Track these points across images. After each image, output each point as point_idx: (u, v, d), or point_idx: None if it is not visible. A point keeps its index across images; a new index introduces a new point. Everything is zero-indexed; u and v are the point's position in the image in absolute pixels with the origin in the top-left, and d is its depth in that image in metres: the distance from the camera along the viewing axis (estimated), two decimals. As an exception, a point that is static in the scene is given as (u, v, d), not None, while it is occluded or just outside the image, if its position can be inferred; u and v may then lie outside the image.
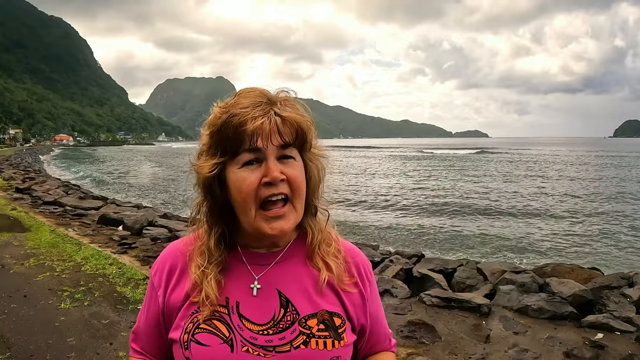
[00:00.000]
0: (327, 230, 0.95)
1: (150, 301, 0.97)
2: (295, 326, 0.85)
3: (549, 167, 45.79)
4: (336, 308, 0.90)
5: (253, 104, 0.82)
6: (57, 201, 13.34)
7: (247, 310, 0.87)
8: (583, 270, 6.62)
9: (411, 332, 4.27)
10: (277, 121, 0.82)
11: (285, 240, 0.93)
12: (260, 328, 0.85)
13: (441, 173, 39.21)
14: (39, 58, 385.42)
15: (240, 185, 0.82)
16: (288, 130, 0.83)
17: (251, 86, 0.88)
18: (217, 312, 0.86)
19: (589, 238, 13.16)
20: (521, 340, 4.22)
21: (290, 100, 0.87)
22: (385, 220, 16.02)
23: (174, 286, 0.92)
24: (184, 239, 0.97)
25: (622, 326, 4.41)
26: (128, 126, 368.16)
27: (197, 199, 0.91)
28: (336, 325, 0.88)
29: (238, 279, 0.90)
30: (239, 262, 0.91)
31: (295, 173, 0.84)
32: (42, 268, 5.98)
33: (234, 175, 0.83)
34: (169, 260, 0.96)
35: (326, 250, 0.92)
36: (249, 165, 0.82)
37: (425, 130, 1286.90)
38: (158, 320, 0.95)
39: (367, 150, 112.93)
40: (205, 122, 0.87)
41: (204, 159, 0.86)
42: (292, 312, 0.87)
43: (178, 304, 0.90)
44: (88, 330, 4.09)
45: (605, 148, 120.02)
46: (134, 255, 7.08)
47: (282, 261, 0.91)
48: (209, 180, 0.85)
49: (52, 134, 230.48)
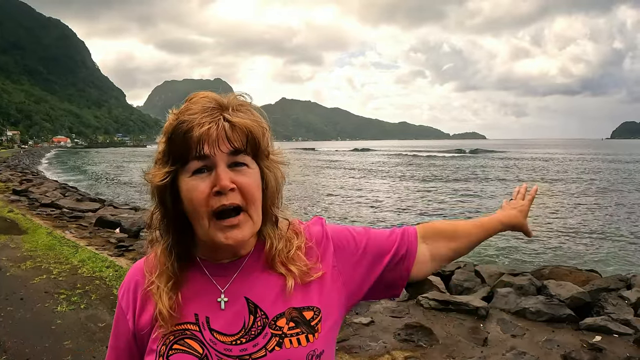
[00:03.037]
0: (287, 237, 0.91)
1: (119, 327, 0.93)
2: (266, 330, 0.83)
3: (545, 169, 45.88)
4: (305, 302, 0.87)
5: (202, 110, 0.80)
6: (54, 203, 13.31)
7: (218, 323, 0.85)
8: (581, 272, 6.63)
9: (409, 335, 4.26)
10: (225, 127, 0.79)
11: (246, 249, 0.90)
12: (233, 338, 0.83)
13: (438, 174, 39.24)
14: (36, 59, 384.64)
15: (190, 195, 0.79)
16: (238, 136, 0.80)
17: (204, 91, 0.85)
18: (189, 330, 0.84)
19: (587, 240, 13.18)
20: (519, 343, 4.22)
21: (245, 105, 0.84)
22: (382, 222, 16.02)
23: (141, 308, 0.89)
24: (147, 257, 0.94)
25: (620, 329, 4.41)
26: (126, 128, 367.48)
27: (151, 208, 0.89)
28: (307, 320, 0.86)
29: (203, 294, 0.87)
30: (202, 276, 0.88)
31: (247, 181, 0.81)
32: (38, 270, 5.95)
33: (185, 185, 0.80)
34: (133, 280, 0.93)
35: (286, 255, 0.89)
36: (199, 173, 0.79)
37: (423, 132, 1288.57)
38: (129, 346, 0.91)
39: (353, 154, 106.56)
40: (162, 129, 0.84)
41: (157, 168, 0.84)
42: (261, 317, 0.85)
43: (148, 327, 0.87)
44: (84, 333, 4.07)
45: (601, 150, 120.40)
46: (131, 258, 7.05)
47: (246, 269, 0.89)
48: (160, 190, 0.83)
49: (49, 136, 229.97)
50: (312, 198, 22.21)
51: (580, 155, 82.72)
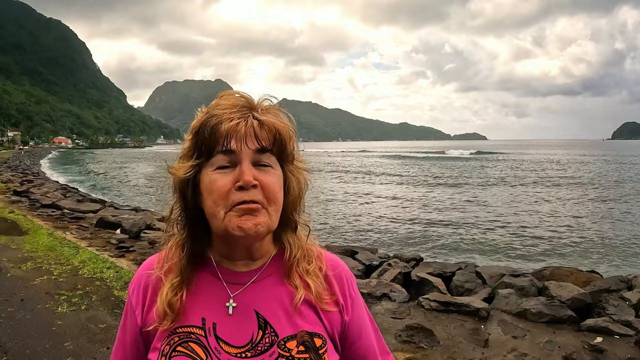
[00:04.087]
0: (308, 247, 0.91)
1: (128, 320, 0.93)
2: (274, 348, 0.82)
3: (546, 170, 45.87)
4: (316, 328, 0.86)
5: (232, 105, 0.80)
6: (55, 204, 13.31)
7: (224, 331, 0.83)
8: (582, 273, 6.63)
9: (409, 337, 4.26)
10: (254, 124, 0.79)
11: (261, 254, 0.89)
12: (238, 351, 0.82)
13: (438, 176, 39.23)
14: (37, 60, 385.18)
15: (211, 187, 0.79)
16: (265, 135, 0.80)
17: (235, 90, 0.86)
18: (194, 334, 0.83)
19: (588, 241, 13.16)
20: (520, 344, 4.21)
21: (274, 108, 0.84)
22: (384, 224, 16.01)
23: (150, 305, 0.89)
24: (159, 254, 0.94)
25: (621, 330, 4.41)
26: (126, 129, 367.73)
27: (171, 203, 0.88)
28: (317, 347, 0.84)
29: (212, 297, 0.86)
30: (213, 278, 0.88)
31: (271, 180, 0.80)
32: (39, 271, 5.95)
33: (207, 178, 0.80)
34: (144, 276, 0.92)
35: (306, 267, 0.89)
36: (222, 168, 0.79)
37: (424, 133, 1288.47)
38: (137, 341, 0.91)
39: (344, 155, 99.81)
40: (190, 126, 0.85)
41: (182, 162, 0.84)
42: (270, 334, 0.83)
43: (154, 324, 0.86)
44: (85, 334, 4.07)
45: (602, 151, 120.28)
46: (132, 259, 7.06)
47: (260, 280, 0.88)
48: (182, 183, 0.83)
49: (50, 137, 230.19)
50: (321, 203, 22.18)
51: (581, 156, 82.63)
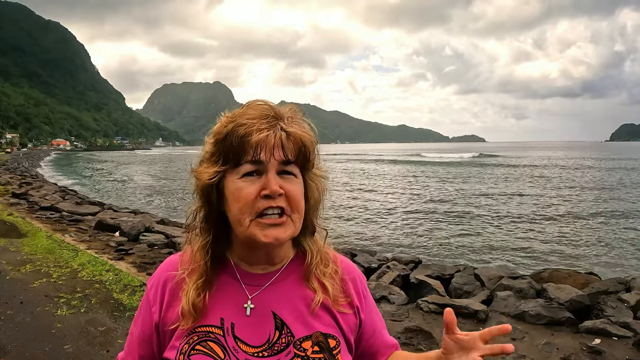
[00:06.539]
0: (325, 250, 0.95)
1: (144, 315, 0.94)
2: (290, 348, 0.85)
3: (545, 172, 45.93)
4: (331, 329, 0.90)
5: (260, 116, 0.83)
6: (53, 207, 13.30)
7: (242, 331, 0.86)
8: (580, 275, 6.64)
9: (408, 339, 4.26)
10: (282, 136, 0.82)
11: (280, 258, 0.92)
12: (255, 350, 0.85)
13: (438, 178, 39.26)
14: (36, 62, 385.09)
15: (238, 195, 0.82)
16: (292, 146, 0.83)
17: (260, 98, 0.88)
18: (212, 333, 0.86)
19: (586, 243, 13.18)
20: (518, 346, 4.22)
21: (298, 117, 0.87)
22: (383, 227, 16.02)
23: (169, 303, 0.91)
24: (182, 253, 0.96)
25: (619, 331, 4.43)
26: (125, 131, 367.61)
27: (193, 206, 0.91)
28: (331, 347, 0.87)
29: (231, 298, 0.89)
30: (233, 280, 0.90)
31: (295, 189, 0.84)
32: (38, 274, 5.95)
33: (233, 185, 0.83)
34: (164, 274, 0.94)
35: (323, 271, 0.92)
36: (248, 176, 0.82)
37: (422, 135, 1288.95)
38: (150, 336, 0.92)
39: None
40: (211, 130, 0.87)
41: (205, 166, 0.86)
42: (287, 335, 0.86)
43: (174, 323, 0.88)
44: (84, 337, 4.07)
45: (600, 153, 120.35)
46: (131, 262, 7.06)
47: (277, 282, 0.91)
48: (207, 188, 0.85)
49: (49, 139, 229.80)
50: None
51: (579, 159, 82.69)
